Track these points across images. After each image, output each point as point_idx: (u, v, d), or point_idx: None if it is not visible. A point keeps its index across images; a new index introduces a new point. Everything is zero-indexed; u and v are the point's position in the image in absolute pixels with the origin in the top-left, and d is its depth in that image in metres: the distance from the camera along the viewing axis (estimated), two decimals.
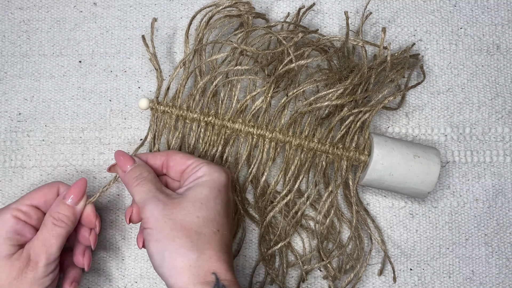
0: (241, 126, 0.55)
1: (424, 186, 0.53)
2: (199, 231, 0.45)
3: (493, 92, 0.60)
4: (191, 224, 0.45)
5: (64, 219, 0.49)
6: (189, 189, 0.48)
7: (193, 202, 0.47)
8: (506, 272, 0.58)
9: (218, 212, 0.47)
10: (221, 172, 0.49)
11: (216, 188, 0.48)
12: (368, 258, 0.56)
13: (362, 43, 0.54)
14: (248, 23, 0.56)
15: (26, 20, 0.61)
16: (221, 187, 0.49)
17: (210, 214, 0.47)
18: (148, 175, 0.49)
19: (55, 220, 0.48)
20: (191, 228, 0.45)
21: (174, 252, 0.44)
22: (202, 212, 0.46)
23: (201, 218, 0.46)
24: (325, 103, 0.53)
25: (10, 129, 0.59)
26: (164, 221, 0.45)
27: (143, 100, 0.55)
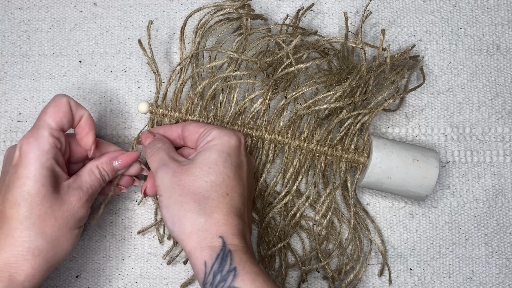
0: (240, 128, 0.55)
1: (422, 189, 0.53)
2: (206, 195, 0.46)
3: (493, 92, 0.60)
4: (198, 188, 0.46)
5: (105, 176, 0.51)
6: (198, 153, 0.49)
7: (201, 166, 0.47)
8: (506, 272, 0.58)
9: (228, 176, 0.48)
10: (231, 135, 0.50)
11: (225, 151, 0.49)
12: (368, 258, 0.56)
13: (361, 45, 0.54)
14: (247, 26, 0.56)
15: (26, 20, 0.61)
16: (231, 150, 0.49)
17: (219, 178, 0.47)
18: (162, 145, 0.51)
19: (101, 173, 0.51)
20: (199, 192, 0.46)
21: (182, 217, 0.46)
22: (210, 176, 0.47)
23: (209, 182, 0.47)
24: (324, 106, 0.53)
25: (10, 129, 0.59)
26: (173, 187, 0.47)
27: (142, 104, 0.55)
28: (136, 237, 0.58)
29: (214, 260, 0.44)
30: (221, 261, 0.44)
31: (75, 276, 0.57)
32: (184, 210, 0.46)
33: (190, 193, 0.46)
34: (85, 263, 0.57)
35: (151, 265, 0.57)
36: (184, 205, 0.46)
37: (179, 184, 0.47)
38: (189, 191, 0.46)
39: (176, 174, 0.47)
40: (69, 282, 0.57)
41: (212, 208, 0.46)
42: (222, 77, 0.54)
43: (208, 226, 0.45)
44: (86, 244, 0.57)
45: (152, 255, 0.57)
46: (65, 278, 0.57)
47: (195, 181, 0.47)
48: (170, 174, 0.48)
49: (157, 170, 0.49)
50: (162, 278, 0.57)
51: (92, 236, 0.57)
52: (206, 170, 0.47)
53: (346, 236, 0.57)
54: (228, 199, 0.47)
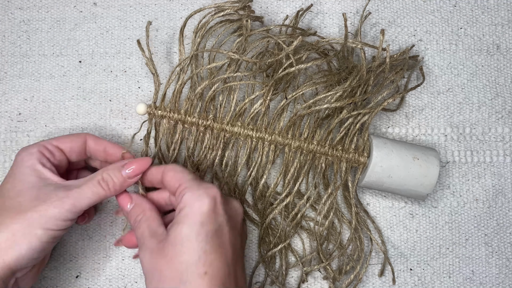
0: (240, 129, 0.55)
1: (423, 188, 0.53)
2: (184, 279, 0.43)
3: (493, 92, 0.60)
4: (174, 272, 0.43)
5: (110, 183, 0.48)
6: (171, 228, 0.45)
7: (174, 245, 0.44)
8: (506, 272, 0.58)
9: (204, 251, 0.44)
10: (202, 199, 0.45)
11: (197, 222, 0.44)
12: (369, 259, 0.56)
13: (361, 45, 0.54)
14: (247, 28, 0.56)
15: (26, 20, 0.61)
16: (204, 218, 0.45)
17: (193, 257, 0.43)
18: (142, 216, 0.48)
19: (102, 180, 0.48)
20: (175, 277, 0.43)
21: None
22: (184, 255, 0.44)
23: (184, 263, 0.43)
24: (324, 106, 0.53)
25: (10, 129, 0.59)
26: (152, 272, 0.45)
27: (140, 106, 0.55)
28: None
29: None
30: None
31: (75, 276, 0.57)
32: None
33: (167, 279, 0.43)
34: (85, 263, 0.57)
35: None
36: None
37: (156, 269, 0.44)
38: (166, 276, 0.43)
39: (153, 256, 0.45)
40: (69, 282, 0.57)
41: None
42: (222, 78, 0.54)
43: None
44: (86, 244, 0.57)
45: None
46: (65, 278, 0.57)
47: (170, 264, 0.44)
48: (148, 255, 0.45)
49: (139, 246, 0.47)
50: None
51: (92, 236, 0.57)
52: (179, 249, 0.44)
53: (346, 236, 0.57)
54: (207, 279, 0.43)
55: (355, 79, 0.53)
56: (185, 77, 0.56)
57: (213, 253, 0.44)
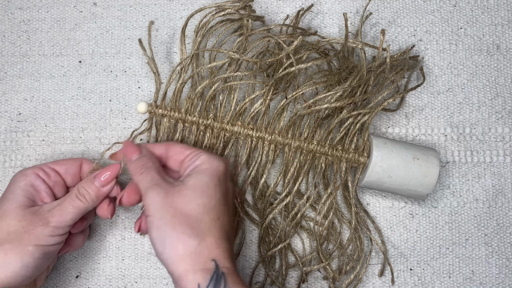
0: (240, 129, 0.55)
1: (423, 188, 0.53)
2: (199, 218, 0.46)
3: (493, 92, 0.60)
4: (191, 211, 0.46)
5: (86, 196, 0.50)
6: (190, 176, 0.48)
7: (194, 189, 0.47)
8: (506, 272, 0.58)
9: (218, 200, 0.47)
10: (220, 161, 0.49)
11: (215, 175, 0.48)
12: (369, 259, 0.56)
13: (361, 45, 0.54)
14: (247, 27, 0.56)
15: (26, 20, 0.61)
16: (221, 175, 0.49)
17: (211, 202, 0.47)
18: (152, 164, 0.50)
19: (79, 193, 0.50)
20: (192, 215, 0.46)
21: (175, 239, 0.45)
22: (202, 199, 0.47)
23: (202, 205, 0.46)
24: (324, 106, 0.53)
25: (10, 129, 0.59)
26: (165, 208, 0.46)
27: (141, 104, 0.55)
28: (136, 237, 0.58)
29: (209, 282, 0.44)
30: (215, 283, 0.44)
31: (75, 276, 0.57)
32: (176, 232, 0.45)
33: (183, 215, 0.46)
34: (85, 263, 0.57)
35: (151, 265, 0.57)
36: (177, 227, 0.45)
37: (171, 206, 0.46)
38: (182, 213, 0.46)
39: (169, 195, 0.46)
40: (69, 282, 0.57)
41: (205, 231, 0.46)
42: (222, 78, 0.54)
43: (201, 249, 0.45)
44: (86, 244, 0.57)
45: (152, 255, 0.57)
46: (65, 278, 0.57)
47: (188, 203, 0.46)
48: (162, 194, 0.47)
49: (148, 189, 0.47)
50: (162, 278, 0.57)
51: (92, 236, 0.57)
52: (199, 193, 0.47)
53: (346, 236, 0.57)
54: (220, 223, 0.47)
55: (355, 79, 0.53)
56: (186, 77, 0.56)
57: (224, 205, 0.48)
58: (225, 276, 0.44)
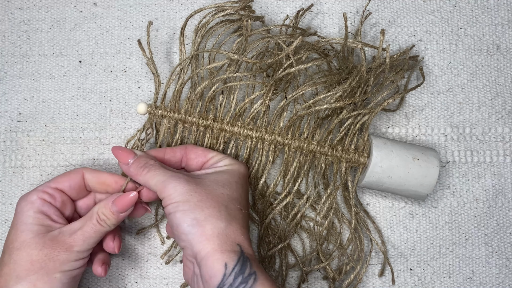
0: (240, 129, 0.55)
1: (423, 188, 0.53)
2: (225, 205, 0.47)
3: (493, 92, 0.60)
4: (216, 197, 0.47)
5: (107, 221, 0.50)
6: (209, 173, 0.50)
7: (216, 181, 0.48)
8: (506, 272, 0.58)
9: (240, 194, 0.49)
10: (241, 165, 0.52)
11: (236, 175, 0.50)
12: (369, 259, 0.56)
13: (361, 46, 0.54)
14: (247, 28, 0.55)
15: (26, 20, 0.61)
16: (241, 176, 0.50)
17: (234, 193, 0.48)
18: (154, 162, 0.50)
19: (100, 219, 0.50)
20: (218, 200, 0.47)
21: (203, 220, 0.45)
22: (225, 189, 0.48)
23: (226, 194, 0.48)
24: (324, 106, 0.53)
25: (10, 129, 0.59)
26: (190, 193, 0.46)
27: (141, 105, 0.55)
28: (136, 237, 0.58)
29: (236, 263, 0.44)
30: (242, 264, 0.44)
31: None
32: (205, 214, 0.46)
33: (209, 199, 0.46)
34: None
35: (151, 265, 0.57)
36: (205, 209, 0.46)
37: (196, 191, 0.47)
38: (208, 197, 0.47)
39: (191, 182, 0.47)
40: None
41: (231, 217, 0.47)
42: (222, 78, 0.54)
43: (229, 231, 0.46)
44: None
45: (152, 255, 0.57)
46: None
47: (212, 191, 0.47)
48: (184, 182, 0.47)
49: (167, 181, 0.47)
50: (162, 278, 0.57)
51: None
52: (221, 185, 0.48)
53: (346, 236, 0.57)
54: (242, 214, 0.48)
55: (355, 80, 0.53)
56: (186, 77, 0.55)
57: (245, 200, 0.50)
58: (249, 260, 0.45)
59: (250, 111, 0.55)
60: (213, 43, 0.58)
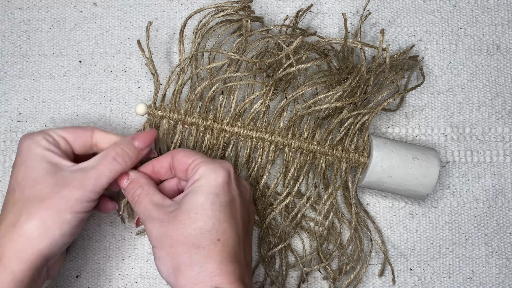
0: (240, 129, 0.55)
1: (423, 188, 0.53)
2: (197, 244, 0.44)
3: (493, 92, 0.60)
4: (188, 237, 0.44)
5: (126, 157, 0.49)
6: (185, 196, 0.46)
7: (188, 213, 0.45)
8: (506, 272, 0.58)
9: (218, 219, 0.45)
10: (218, 172, 0.47)
11: (212, 192, 0.46)
12: (369, 259, 0.56)
13: (360, 45, 0.54)
14: (247, 28, 0.55)
15: (26, 20, 0.61)
16: (219, 189, 0.46)
17: (207, 224, 0.45)
18: (141, 191, 0.48)
19: (117, 155, 0.48)
20: (189, 241, 0.44)
21: (176, 269, 0.44)
22: (198, 222, 0.45)
23: (198, 229, 0.44)
24: (324, 106, 0.53)
25: (10, 129, 0.59)
26: (162, 239, 0.45)
27: (140, 106, 0.54)
28: (136, 237, 0.58)
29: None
30: None
31: (75, 276, 0.57)
32: (176, 263, 0.44)
33: (180, 244, 0.44)
34: (85, 263, 0.57)
35: (151, 265, 0.57)
36: (176, 257, 0.44)
37: (167, 235, 0.45)
38: (179, 242, 0.44)
39: (164, 225, 0.45)
40: (69, 282, 0.57)
41: (204, 258, 0.44)
42: (221, 78, 0.54)
43: (202, 278, 0.43)
44: (86, 244, 0.57)
45: (152, 255, 0.57)
46: (65, 278, 0.57)
47: (183, 230, 0.45)
48: (157, 225, 0.46)
49: (144, 221, 0.47)
50: (162, 278, 0.57)
51: (92, 236, 0.57)
52: (193, 217, 0.45)
53: (346, 236, 0.57)
54: (220, 246, 0.44)
55: (355, 79, 0.53)
56: (185, 78, 0.55)
57: (226, 222, 0.45)
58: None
59: (250, 111, 0.55)
60: (213, 44, 0.58)
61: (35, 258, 0.45)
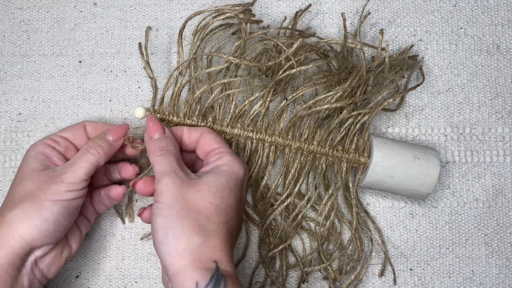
0: (240, 131, 0.55)
1: (424, 187, 0.53)
2: (208, 217, 0.46)
3: (493, 92, 0.60)
4: (202, 207, 0.46)
5: (98, 147, 0.50)
6: (208, 173, 0.48)
7: (209, 187, 0.47)
8: (506, 272, 0.58)
9: (230, 204, 0.47)
10: (241, 167, 0.49)
11: (233, 180, 0.48)
12: (369, 259, 0.56)
13: (360, 45, 0.54)
14: (246, 31, 0.55)
15: (26, 20, 0.61)
16: (238, 181, 0.49)
17: (223, 204, 0.47)
18: (173, 149, 0.50)
19: (90, 147, 0.50)
20: (202, 212, 0.46)
21: (179, 232, 0.44)
22: (215, 199, 0.46)
23: (214, 205, 0.46)
24: (324, 106, 0.53)
25: (10, 129, 0.59)
26: (177, 198, 0.46)
27: (139, 110, 0.54)
28: (136, 237, 0.58)
29: (208, 282, 0.42)
30: (214, 283, 0.43)
31: (75, 276, 0.57)
32: (183, 225, 0.45)
33: (193, 210, 0.45)
34: (85, 263, 0.57)
35: (151, 265, 0.57)
36: (185, 220, 0.45)
37: (184, 197, 0.46)
38: (193, 208, 0.46)
39: (184, 186, 0.46)
40: (69, 282, 0.57)
41: (212, 231, 0.45)
42: (221, 83, 0.54)
43: (205, 248, 0.44)
44: (86, 244, 0.57)
45: (152, 255, 0.57)
46: (65, 278, 0.57)
47: (200, 199, 0.46)
48: (178, 183, 0.47)
49: (165, 174, 0.47)
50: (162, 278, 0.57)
51: (92, 236, 0.57)
52: (213, 192, 0.47)
53: (346, 236, 0.57)
54: (227, 227, 0.46)
55: (354, 80, 0.53)
56: (184, 80, 0.55)
57: (234, 211, 0.48)
58: (225, 278, 0.43)
59: (250, 112, 0.55)
60: (212, 46, 0.58)
61: (16, 244, 0.46)
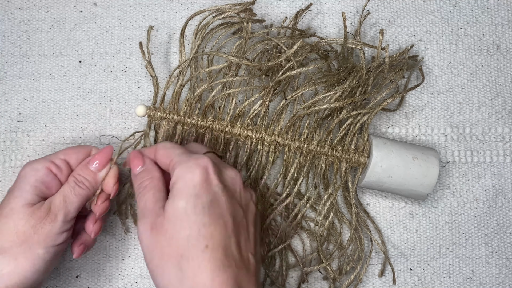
0: (240, 130, 0.55)
1: (423, 188, 0.53)
2: (186, 255, 0.42)
3: (493, 92, 0.60)
4: (175, 248, 0.42)
5: (85, 182, 0.49)
6: (168, 203, 0.44)
7: (173, 220, 0.43)
8: (506, 272, 0.58)
9: (203, 223, 0.42)
10: (193, 171, 0.44)
11: (191, 194, 0.43)
12: (369, 259, 0.56)
13: (360, 46, 0.54)
14: (247, 30, 0.55)
15: (26, 20, 0.61)
16: (198, 189, 0.43)
17: (193, 231, 0.42)
18: (149, 183, 0.46)
19: (77, 181, 0.49)
20: (177, 252, 0.42)
21: (167, 284, 0.42)
22: (183, 231, 0.42)
23: (185, 238, 0.42)
24: (324, 106, 0.53)
25: (10, 129, 0.59)
26: (152, 250, 0.43)
27: (140, 108, 0.54)
28: (136, 237, 0.58)
29: None
30: None
31: (75, 276, 0.57)
32: (168, 276, 0.42)
33: (168, 256, 0.42)
34: (85, 263, 0.57)
35: None
36: (166, 270, 0.42)
37: (157, 247, 0.43)
38: (167, 254, 0.42)
39: (153, 232, 0.43)
40: (69, 282, 0.57)
41: (194, 269, 0.41)
42: (221, 82, 0.54)
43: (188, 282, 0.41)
44: None
45: None
46: (65, 278, 0.57)
47: (171, 240, 0.42)
48: (148, 231, 0.44)
49: (139, 218, 0.45)
50: None
51: None
52: (178, 225, 0.42)
53: (346, 236, 0.57)
54: (209, 253, 0.42)
55: (354, 79, 0.53)
56: (185, 79, 0.55)
57: (212, 225, 0.43)
58: None
59: (249, 112, 0.55)
60: (212, 45, 0.58)
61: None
